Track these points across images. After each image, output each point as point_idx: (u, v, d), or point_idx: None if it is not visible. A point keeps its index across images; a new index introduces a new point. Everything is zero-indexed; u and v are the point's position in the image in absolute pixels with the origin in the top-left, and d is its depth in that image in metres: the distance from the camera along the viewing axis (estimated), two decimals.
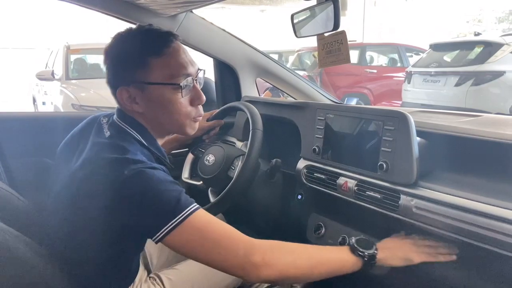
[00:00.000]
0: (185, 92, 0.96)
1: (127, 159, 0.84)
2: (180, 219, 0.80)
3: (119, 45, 0.96)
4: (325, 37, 1.16)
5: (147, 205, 0.81)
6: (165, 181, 0.84)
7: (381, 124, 1.08)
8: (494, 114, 1.44)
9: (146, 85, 0.93)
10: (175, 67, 0.94)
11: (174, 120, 0.98)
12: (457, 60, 5.99)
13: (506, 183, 0.93)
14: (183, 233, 0.81)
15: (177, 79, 0.94)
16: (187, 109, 0.98)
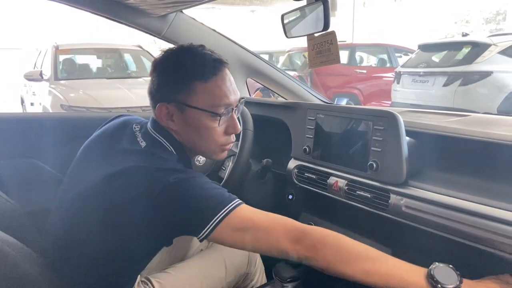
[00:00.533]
0: (223, 120, 0.97)
1: (170, 168, 0.87)
2: (226, 211, 0.82)
3: (169, 60, 0.97)
4: (315, 37, 1.16)
5: (193, 205, 0.83)
6: (208, 182, 0.87)
7: (370, 124, 1.09)
8: (482, 114, 1.46)
9: (186, 107, 0.94)
10: (218, 96, 0.94)
11: (205, 145, 0.99)
12: (445, 60, 6.06)
13: (494, 182, 0.95)
14: (230, 225, 0.82)
15: (217, 108, 0.94)
16: (220, 137, 0.99)
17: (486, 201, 0.88)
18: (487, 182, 0.96)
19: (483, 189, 0.93)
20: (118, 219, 0.85)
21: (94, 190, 0.89)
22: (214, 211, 0.82)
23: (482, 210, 0.87)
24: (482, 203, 0.88)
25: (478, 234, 0.86)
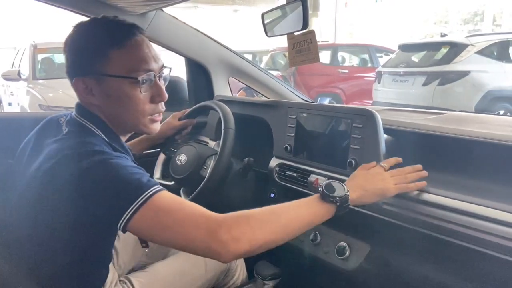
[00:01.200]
0: (145, 88, 0.92)
1: (87, 151, 0.82)
2: (142, 199, 0.77)
3: (80, 34, 0.92)
4: (295, 36, 1.17)
5: (110, 191, 0.78)
6: (127, 166, 0.82)
7: (350, 122, 1.11)
8: (457, 112, 1.50)
9: (103, 77, 0.89)
10: (136, 61, 0.90)
11: (131, 116, 0.94)
12: (424, 60, 6.18)
13: (469, 178, 0.97)
14: (147, 215, 0.78)
15: (136, 73, 0.90)
16: (145, 106, 0.94)
17: (461, 197, 0.90)
18: (462, 178, 0.98)
19: (458, 185, 0.95)
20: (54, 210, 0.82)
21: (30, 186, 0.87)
22: (130, 199, 0.77)
23: (457, 205, 0.89)
24: (457, 199, 0.90)
25: (455, 229, 0.89)
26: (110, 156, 0.82)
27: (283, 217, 0.86)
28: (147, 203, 0.78)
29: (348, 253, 1.09)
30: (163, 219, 0.79)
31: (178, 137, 1.53)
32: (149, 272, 1.14)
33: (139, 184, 0.79)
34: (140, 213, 0.77)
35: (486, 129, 1.04)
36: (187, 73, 1.86)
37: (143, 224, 0.79)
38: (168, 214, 0.79)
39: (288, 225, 0.86)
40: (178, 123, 1.49)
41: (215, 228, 0.78)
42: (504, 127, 1.13)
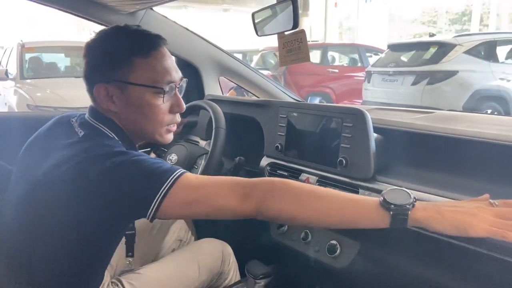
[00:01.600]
0: (167, 98, 0.93)
1: (108, 152, 0.82)
2: (169, 183, 0.79)
3: (104, 41, 0.92)
4: (285, 35, 1.18)
5: (135, 185, 0.79)
6: (148, 159, 0.83)
7: (340, 121, 1.11)
8: (446, 111, 1.52)
9: (127, 85, 0.90)
10: (160, 71, 0.91)
11: (150, 125, 0.95)
12: (413, 60, 6.24)
13: (457, 176, 0.98)
14: (176, 197, 0.79)
15: (160, 83, 0.91)
16: (165, 116, 0.95)
17: (448, 194, 0.92)
18: (451, 176, 0.99)
19: (447, 183, 0.96)
20: (65, 212, 0.81)
21: (37, 189, 0.85)
22: (155, 187, 0.78)
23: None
24: (444, 196, 0.92)
25: None
26: (132, 155, 0.83)
27: (323, 202, 0.80)
28: (174, 186, 0.79)
29: (338, 251, 1.10)
30: (193, 195, 0.80)
31: None
32: (142, 274, 1.13)
33: (162, 170, 0.80)
34: (169, 197, 0.78)
35: (475, 128, 1.05)
36: None
37: (174, 206, 0.80)
38: (198, 189, 0.81)
39: (328, 213, 0.80)
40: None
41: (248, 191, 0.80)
42: (492, 125, 1.14)
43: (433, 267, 0.97)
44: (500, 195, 0.86)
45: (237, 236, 1.37)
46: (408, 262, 1.01)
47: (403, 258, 1.02)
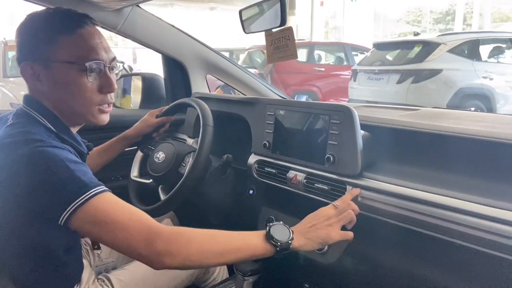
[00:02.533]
0: (93, 76, 0.92)
1: (25, 139, 0.81)
2: (83, 200, 0.77)
3: (32, 21, 0.92)
4: (273, 33, 1.18)
5: (50, 186, 0.78)
6: (66, 160, 0.80)
7: (327, 118, 1.12)
8: (431, 108, 1.54)
9: (51, 63, 0.89)
10: (85, 49, 0.90)
11: (78, 104, 0.93)
12: (398, 58, 6.31)
13: (443, 172, 1.00)
14: (86, 215, 0.78)
15: (84, 60, 0.90)
16: (93, 95, 0.93)
17: (436, 190, 0.93)
18: (437, 172, 1.00)
19: (432, 179, 0.97)
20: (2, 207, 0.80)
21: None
22: (70, 197, 0.77)
23: (431, 199, 0.92)
24: (432, 192, 0.93)
25: (430, 222, 0.91)
26: (50, 144, 0.81)
27: (222, 245, 0.87)
28: (87, 203, 0.78)
29: (326, 248, 1.11)
30: (102, 221, 0.79)
31: (156, 135, 1.51)
32: (129, 270, 1.12)
33: (80, 182, 0.79)
34: (79, 213, 0.77)
35: (459, 125, 1.07)
36: (164, 70, 1.84)
37: (82, 223, 0.79)
38: (108, 217, 0.79)
39: (224, 254, 0.87)
40: (155, 120, 1.47)
41: (153, 238, 0.80)
42: (476, 122, 1.16)
43: (419, 262, 0.99)
44: (483, 189, 0.88)
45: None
46: (394, 257, 1.03)
47: (390, 254, 1.03)
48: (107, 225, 0.79)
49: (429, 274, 0.96)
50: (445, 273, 0.94)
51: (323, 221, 0.96)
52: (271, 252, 0.91)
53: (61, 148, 0.83)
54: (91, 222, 0.79)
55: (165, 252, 0.80)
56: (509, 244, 0.78)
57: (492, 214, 0.82)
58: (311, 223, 0.97)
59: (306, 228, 0.96)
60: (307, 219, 0.98)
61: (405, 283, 1.01)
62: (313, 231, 0.95)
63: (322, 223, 0.96)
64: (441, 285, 0.94)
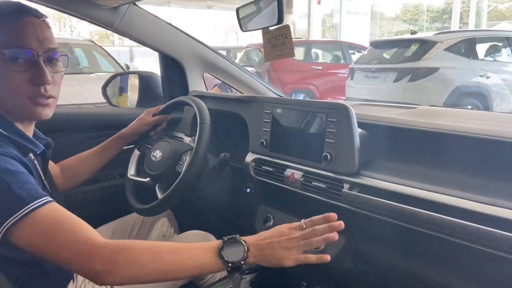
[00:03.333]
0: (20, 66, 0.86)
1: None
2: (20, 215, 0.74)
3: None
4: (270, 31, 1.17)
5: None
6: (5, 170, 0.77)
7: (325, 116, 1.12)
8: (428, 106, 1.54)
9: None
10: (9, 36, 0.85)
11: (9, 98, 0.88)
12: (395, 57, 6.32)
13: (440, 170, 1.00)
14: (26, 229, 0.75)
15: (6, 48, 0.85)
16: (22, 86, 0.87)
17: (433, 188, 0.93)
18: (434, 170, 1.01)
19: (430, 177, 0.98)
20: None
21: None
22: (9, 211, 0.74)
23: (429, 197, 0.92)
24: (429, 190, 0.93)
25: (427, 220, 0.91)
26: None
27: (167, 264, 0.82)
28: (23, 220, 0.75)
29: (323, 246, 1.11)
30: (40, 239, 0.77)
31: (153, 133, 1.51)
32: None
33: (16, 197, 0.76)
34: (16, 230, 0.75)
35: (456, 122, 1.07)
36: (161, 68, 1.84)
37: (20, 240, 0.76)
38: (46, 235, 0.77)
39: (168, 273, 0.83)
40: (152, 119, 1.47)
41: (92, 257, 0.77)
42: (473, 120, 1.17)
43: (416, 260, 0.99)
44: (480, 187, 0.88)
45: (222, 231, 1.36)
46: (391, 255, 1.03)
47: (387, 251, 1.03)
48: (45, 243, 0.77)
49: (426, 272, 0.96)
50: (442, 271, 0.94)
51: (283, 241, 0.86)
52: (222, 269, 0.85)
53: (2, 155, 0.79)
54: (29, 240, 0.76)
55: (104, 272, 0.77)
56: (506, 242, 0.79)
57: (489, 212, 0.82)
58: (271, 239, 0.87)
59: (265, 244, 0.87)
60: (268, 233, 0.89)
61: (402, 280, 1.01)
62: (270, 249, 0.86)
63: (281, 243, 0.86)
64: (438, 282, 0.94)
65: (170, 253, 0.83)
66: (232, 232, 0.93)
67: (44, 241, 0.77)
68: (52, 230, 0.77)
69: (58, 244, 0.77)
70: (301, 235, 0.87)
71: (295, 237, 0.87)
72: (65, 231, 0.78)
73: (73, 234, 0.78)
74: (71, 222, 0.80)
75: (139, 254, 0.80)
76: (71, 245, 0.77)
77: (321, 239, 0.86)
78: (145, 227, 1.44)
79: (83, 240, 0.78)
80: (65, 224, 0.79)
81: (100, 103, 2.07)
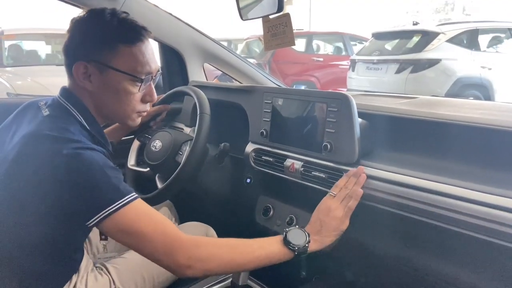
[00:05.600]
0: (142, 87, 0.97)
1: (65, 138, 0.83)
2: (117, 206, 0.81)
3: (92, 20, 0.94)
4: (270, 19, 1.17)
5: (84, 190, 0.80)
6: (104, 166, 0.84)
7: (325, 106, 1.12)
8: (429, 96, 1.53)
9: (107, 68, 0.92)
10: (142, 62, 0.94)
11: (122, 109, 0.98)
12: (397, 48, 6.29)
13: (440, 159, 1.00)
14: (116, 222, 0.82)
15: (139, 73, 0.95)
16: (137, 104, 0.99)
17: (433, 177, 0.93)
18: (434, 160, 1.01)
19: (431, 166, 0.98)
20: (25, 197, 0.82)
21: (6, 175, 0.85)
22: (102, 203, 0.81)
23: (428, 186, 0.92)
24: (429, 179, 0.93)
25: (426, 209, 0.91)
26: (88, 146, 0.84)
27: (242, 256, 0.93)
28: (118, 212, 0.81)
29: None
30: (129, 231, 0.84)
31: (153, 124, 1.51)
32: (127, 258, 1.12)
33: (115, 189, 0.82)
34: (110, 219, 0.81)
35: (457, 112, 1.06)
36: (161, 58, 1.83)
37: (111, 229, 0.83)
38: (135, 227, 0.84)
39: (244, 265, 0.95)
40: (152, 109, 1.46)
41: (176, 251, 0.85)
42: (474, 110, 1.16)
43: (417, 249, 0.99)
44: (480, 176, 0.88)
45: (221, 222, 1.37)
46: (392, 244, 1.03)
47: (387, 241, 1.03)
48: (133, 235, 0.84)
49: (429, 261, 0.97)
50: (442, 260, 0.94)
51: (328, 214, 1.01)
52: (289, 257, 0.95)
53: (97, 151, 0.86)
54: (119, 230, 0.83)
55: (187, 266, 0.86)
56: (507, 231, 0.79)
57: (489, 201, 0.82)
58: (320, 220, 1.01)
59: (318, 227, 1.00)
60: (314, 218, 1.03)
61: (403, 270, 1.02)
62: (326, 228, 1.00)
63: (328, 216, 1.00)
64: (438, 271, 0.94)
65: (244, 246, 0.94)
66: (232, 222, 0.95)
67: (133, 233, 0.84)
68: (141, 224, 0.84)
69: (146, 238, 0.84)
70: (337, 200, 1.02)
71: (335, 206, 1.01)
72: (153, 225, 0.85)
73: (160, 228, 0.86)
74: (158, 217, 0.88)
75: (218, 250, 0.91)
76: (158, 239, 0.84)
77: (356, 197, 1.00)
78: None
79: (169, 234, 0.86)
80: (153, 219, 0.86)
81: None
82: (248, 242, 0.95)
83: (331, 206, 1.01)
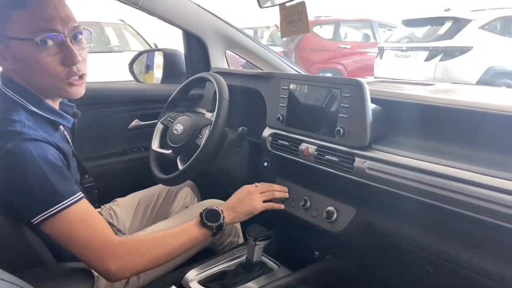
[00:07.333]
0: (51, 50, 0.88)
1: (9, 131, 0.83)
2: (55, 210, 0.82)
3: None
4: (286, 7, 1.20)
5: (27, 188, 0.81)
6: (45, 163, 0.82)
7: (339, 92, 1.14)
8: (445, 83, 1.53)
9: (8, 40, 0.86)
10: (36, 21, 0.86)
11: (44, 81, 0.91)
12: (427, 35, 6.12)
13: (455, 145, 1.00)
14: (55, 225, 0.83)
15: (36, 34, 0.86)
16: (56, 69, 0.89)
17: (444, 162, 0.94)
18: (447, 145, 1.02)
19: (442, 151, 0.99)
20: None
21: None
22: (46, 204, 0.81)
23: (439, 170, 0.93)
24: (439, 164, 0.95)
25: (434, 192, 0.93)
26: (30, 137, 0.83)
27: (168, 247, 0.98)
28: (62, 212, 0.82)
29: (335, 216, 1.15)
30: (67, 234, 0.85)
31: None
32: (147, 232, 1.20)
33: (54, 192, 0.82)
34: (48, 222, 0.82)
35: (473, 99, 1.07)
36: (184, 46, 1.89)
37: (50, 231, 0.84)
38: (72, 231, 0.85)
39: (171, 254, 0.99)
40: None
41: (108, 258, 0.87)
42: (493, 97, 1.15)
43: (425, 231, 1.02)
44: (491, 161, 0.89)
45: None
46: (400, 225, 1.06)
47: (395, 221, 1.06)
48: (70, 238, 0.85)
49: (435, 243, 0.99)
50: (451, 242, 0.96)
51: (247, 196, 1.17)
52: (209, 236, 1.06)
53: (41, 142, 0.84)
54: (57, 232, 0.84)
55: (117, 271, 0.88)
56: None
57: (500, 185, 0.83)
58: (238, 198, 1.16)
59: (234, 204, 1.15)
60: (234, 196, 1.18)
61: (411, 251, 1.04)
62: (239, 205, 1.14)
63: (246, 197, 1.16)
64: (446, 252, 0.97)
65: (168, 237, 1.00)
66: None
67: (70, 237, 0.85)
68: (78, 228, 0.85)
69: (81, 243, 0.86)
70: (258, 189, 1.21)
71: (254, 191, 1.19)
72: (88, 230, 0.87)
73: (94, 234, 0.87)
74: (95, 221, 0.89)
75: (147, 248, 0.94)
76: (91, 245, 0.86)
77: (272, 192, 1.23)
78: (169, 197, 1.51)
79: (102, 241, 0.87)
80: (90, 223, 0.88)
81: (128, 81, 2.15)
82: (170, 232, 1.01)
83: (251, 191, 1.19)
